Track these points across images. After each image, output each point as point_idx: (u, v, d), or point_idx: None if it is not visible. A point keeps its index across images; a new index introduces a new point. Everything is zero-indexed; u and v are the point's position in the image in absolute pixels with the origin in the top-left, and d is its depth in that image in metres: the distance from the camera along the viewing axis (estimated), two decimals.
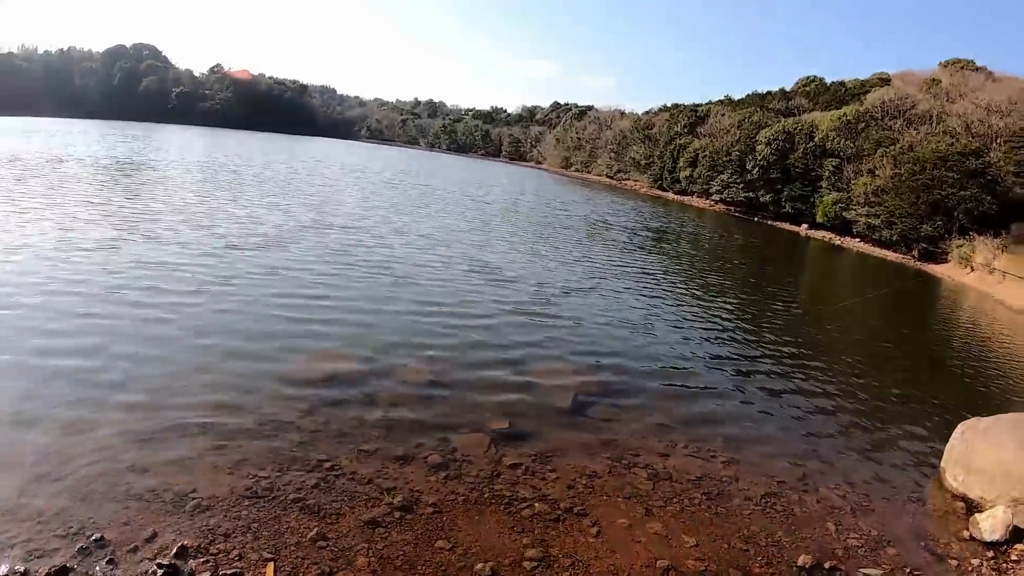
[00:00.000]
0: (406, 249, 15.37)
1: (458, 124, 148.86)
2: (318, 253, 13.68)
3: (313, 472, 5.71)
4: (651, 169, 78.23)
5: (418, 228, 18.75)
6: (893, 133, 49.53)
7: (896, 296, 27.41)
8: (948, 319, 23.39)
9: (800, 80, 77.14)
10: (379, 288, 11.90)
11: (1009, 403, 11.21)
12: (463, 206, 27.89)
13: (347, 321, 9.91)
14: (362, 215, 19.87)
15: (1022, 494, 6.72)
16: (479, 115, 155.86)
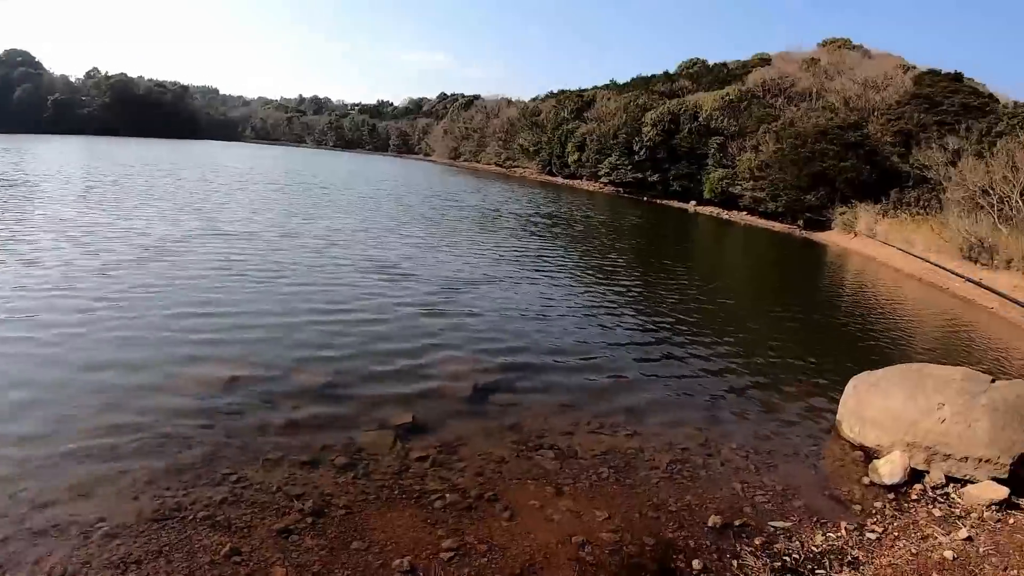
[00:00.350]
0: (299, 252, 14.87)
1: (344, 120, 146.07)
2: (208, 262, 13.03)
3: (220, 487, 5.44)
4: (540, 155, 78.77)
5: (309, 229, 18.17)
6: (775, 110, 51.44)
7: (785, 263, 28.56)
8: (835, 282, 24.39)
9: (683, 63, 79.03)
10: (273, 294, 11.43)
11: (896, 356, 11.66)
12: (353, 204, 27.30)
13: (242, 330, 9.45)
14: (251, 219, 19.11)
15: (915, 438, 6.93)
16: (365, 109, 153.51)
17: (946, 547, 5.38)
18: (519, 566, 4.76)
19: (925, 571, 5.02)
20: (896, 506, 6.29)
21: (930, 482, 6.73)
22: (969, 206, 25.66)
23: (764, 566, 4.98)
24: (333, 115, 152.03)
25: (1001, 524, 5.95)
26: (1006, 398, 6.95)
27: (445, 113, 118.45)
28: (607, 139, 61.82)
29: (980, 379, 7.36)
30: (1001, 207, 24.13)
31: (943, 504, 6.35)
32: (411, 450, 6.46)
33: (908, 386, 7.40)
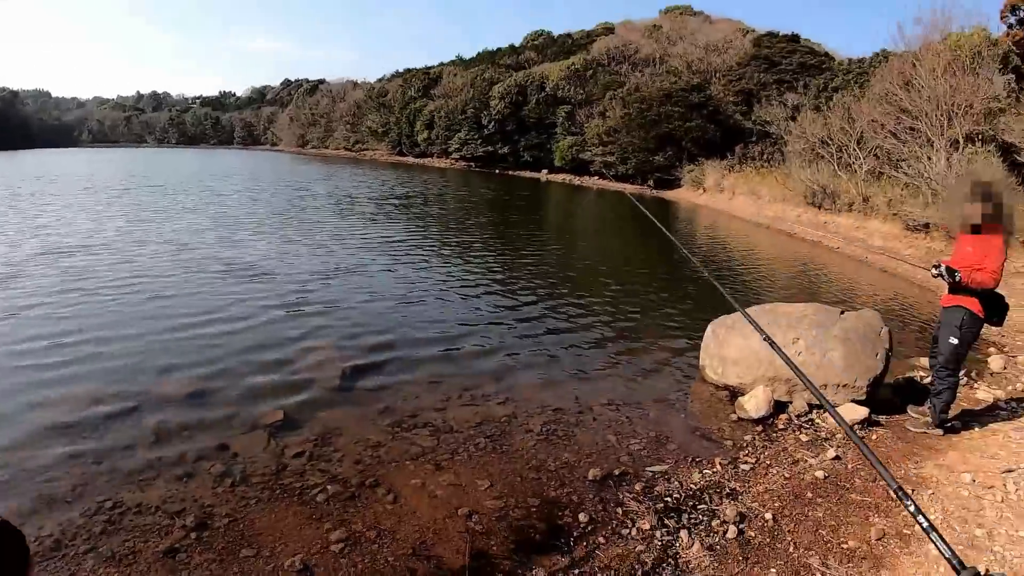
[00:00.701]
0: (150, 260, 13.91)
1: (186, 115, 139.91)
2: (52, 285, 11.83)
3: (97, 516, 5.02)
4: (389, 136, 78.15)
5: (159, 235, 17.03)
6: (620, 77, 52.93)
7: (639, 222, 29.33)
8: (688, 237, 25.18)
9: (529, 35, 79.87)
10: (129, 309, 10.59)
11: (751, 299, 12.15)
12: (201, 203, 25.92)
13: (98, 355, 8.68)
14: (96, 230, 17.65)
15: (775, 373, 7.14)
16: (208, 102, 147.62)
17: (816, 468, 5.61)
18: (410, 546, 4.64)
19: (800, 492, 5.22)
20: (765, 437, 6.52)
21: (794, 411, 7.00)
22: (810, 156, 27.07)
23: (648, 509, 5.04)
24: (174, 111, 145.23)
25: (865, 440, 6.26)
26: (856, 327, 7.30)
27: (290, 100, 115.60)
28: (456, 115, 62.02)
29: (831, 312, 7.70)
30: (840, 155, 25.55)
31: (809, 430, 6.62)
32: (286, 447, 6.18)
33: (764, 325, 7.65)
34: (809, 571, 4.19)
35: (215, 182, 38.03)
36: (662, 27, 64.87)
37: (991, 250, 5.70)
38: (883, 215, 21.29)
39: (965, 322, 5.95)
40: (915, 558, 4.31)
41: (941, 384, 6.20)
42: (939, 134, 19.73)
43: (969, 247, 5.87)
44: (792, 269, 17.78)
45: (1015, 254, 14.92)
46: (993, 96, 19.79)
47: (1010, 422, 6.62)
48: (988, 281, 5.71)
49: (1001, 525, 4.61)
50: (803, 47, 47.87)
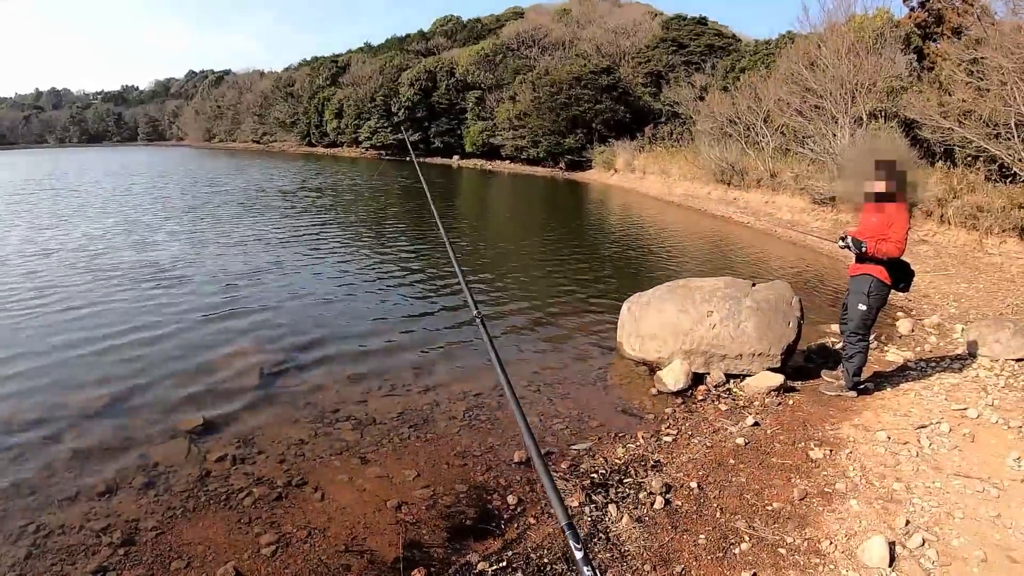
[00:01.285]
0: (57, 271, 13.11)
1: (87, 111, 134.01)
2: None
3: (20, 541, 4.75)
4: (298, 127, 76.90)
5: (64, 242, 16.08)
6: (530, 61, 53.21)
7: (551, 205, 29.54)
8: (600, 217, 25.48)
9: (438, 20, 79.46)
10: (34, 323, 9.99)
11: (665, 276, 12.28)
12: (107, 205, 24.73)
13: (5, 369, 8.25)
14: None
15: (691, 346, 7.27)
16: (109, 97, 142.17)
17: (737, 435, 5.72)
18: (342, 542, 4.56)
19: (722, 459, 5.31)
20: (685, 408, 6.63)
21: (711, 382, 7.13)
22: (718, 135, 27.63)
23: (575, 486, 5.07)
24: (75, 107, 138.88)
25: (782, 406, 6.41)
26: (767, 298, 7.48)
27: (195, 92, 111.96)
28: (365, 103, 61.48)
29: (742, 285, 7.86)
30: (748, 134, 26.17)
31: (727, 399, 6.75)
32: (208, 452, 5.99)
33: (677, 300, 7.79)
34: (737, 534, 4.28)
35: (120, 181, 36.57)
36: (571, 11, 65.32)
37: (895, 220, 5.89)
38: (791, 190, 21.91)
39: (872, 289, 6.16)
40: (837, 515, 4.44)
41: (852, 348, 6.41)
42: (843, 112, 20.38)
43: (874, 218, 6.06)
44: (704, 245, 18.16)
45: (918, 223, 15.58)
46: (895, 75, 20.57)
47: (920, 381, 6.89)
48: (893, 251, 5.92)
49: (918, 478, 4.80)
50: (711, 29, 48.86)
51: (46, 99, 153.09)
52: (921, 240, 14.98)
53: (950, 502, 4.45)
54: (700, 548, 4.17)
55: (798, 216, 20.21)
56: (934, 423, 5.65)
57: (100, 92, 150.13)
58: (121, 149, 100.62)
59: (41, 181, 38.19)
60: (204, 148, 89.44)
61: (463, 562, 4.30)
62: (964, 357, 7.65)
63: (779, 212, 21.35)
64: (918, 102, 18.19)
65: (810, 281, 12.88)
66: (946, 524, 4.23)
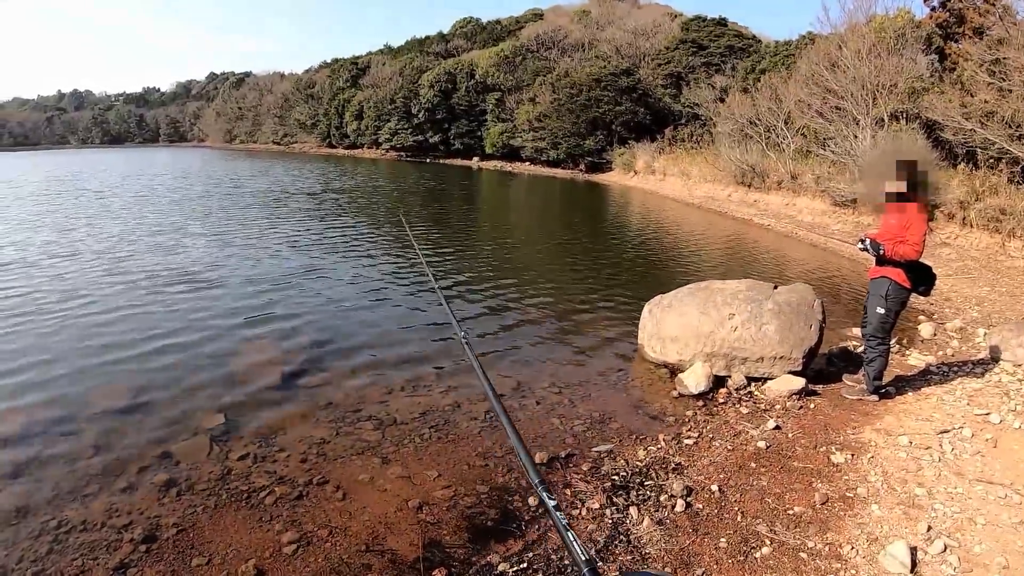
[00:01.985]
0: (81, 272, 13.06)
1: (109, 113, 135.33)
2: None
3: (42, 537, 4.82)
4: (318, 128, 77.26)
5: (90, 244, 16.05)
6: (550, 63, 53.25)
7: (571, 206, 29.49)
8: (621, 219, 25.43)
9: (457, 22, 79.77)
10: (60, 323, 9.92)
11: (686, 278, 12.27)
12: (131, 206, 24.80)
13: (32, 368, 8.11)
14: (25, 242, 16.64)
15: (713, 348, 7.27)
16: (131, 99, 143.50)
17: (758, 439, 5.71)
18: (363, 542, 4.59)
19: (743, 463, 5.31)
20: (706, 411, 6.62)
21: (733, 385, 7.12)
22: (739, 137, 27.53)
23: (596, 488, 5.08)
24: (97, 109, 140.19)
25: (803, 410, 6.39)
26: (789, 301, 7.45)
27: (216, 94, 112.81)
28: (385, 105, 61.71)
29: (764, 287, 7.84)
30: (768, 135, 26.07)
31: (748, 402, 6.74)
32: (230, 451, 6.03)
33: (699, 302, 7.78)
34: (758, 538, 4.27)
35: (144, 182, 36.71)
36: (590, 12, 65.26)
37: (913, 222, 5.86)
38: (812, 192, 21.79)
39: (890, 292, 6.13)
40: (859, 520, 4.43)
41: (873, 352, 6.39)
42: (864, 113, 20.27)
43: (893, 219, 6.02)
44: (725, 247, 18.07)
45: (941, 226, 15.46)
46: (917, 76, 20.39)
47: (942, 386, 6.84)
48: (910, 253, 5.88)
49: (940, 484, 4.77)
50: (731, 30, 48.61)
51: (68, 101, 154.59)
52: (943, 243, 14.86)
53: (972, 508, 4.43)
54: (721, 551, 4.17)
55: (819, 218, 20.09)
56: (956, 428, 5.61)
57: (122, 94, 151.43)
58: (143, 150, 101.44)
59: (64, 180, 38.57)
60: (225, 149, 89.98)
61: (484, 563, 4.31)
62: (986, 361, 7.58)
63: (800, 214, 21.24)
64: (940, 103, 18.04)
65: (832, 284, 12.81)
66: (968, 530, 4.20)
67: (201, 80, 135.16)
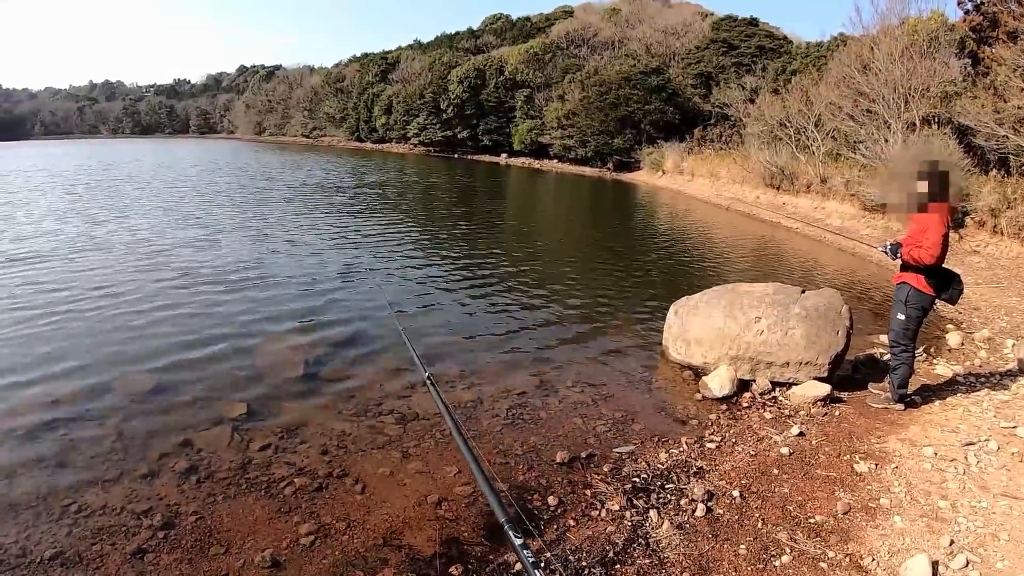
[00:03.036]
0: (115, 267, 12.68)
1: (140, 104, 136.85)
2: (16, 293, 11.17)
3: (62, 520, 4.87)
4: (347, 122, 77.62)
5: (121, 237, 15.54)
6: (579, 60, 53.23)
7: (598, 205, 29.44)
8: (648, 218, 25.32)
9: (487, 18, 79.82)
10: (85, 309, 9.95)
11: (712, 280, 12.15)
12: (165, 197, 24.68)
13: (58, 352, 8.20)
14: (55, 231, 16.70)
15: (738, 352, 7.23)
16: (162, 90, 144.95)
17: (781, 445, 5.67)
18: (381, 536, 4.60)
19: (765, 469, 5.27)
20: (730, 415, 6.58)
21: (757, 389, 7.07)
22: (768, 138, 27.28)
23: (616, 490, 5.06)
24: (128, 100, 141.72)
25: (828, 417, 6.34)
26: (816, 305, 7.38)
27: (246, 87, 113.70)
28: (414, 100, 61.88)
29: (791, 291, 7.77)
30: (798, 137, 25.81)
31: (772, 407, 6.69)
32: (251, 440, 6.07)
33: (725, 305, 7.72)
34: (778, 546, 4.24)
35: (177, 173, 36.77)
36: (620, 10, 65.02)
37: (930, 227, 5.77)
38: (841, 196, 21.58)
39: (910, 298, 6.06)
40: (881, 531, 4.37)
41: (896, 360, 6.31)
42: (896, 116, 20.02)
43: (914, 224, 5.96)
44: (752, 249, 17.97)
45: (971, 233, 15.24)
46: (949, 80, 20.10)
47: (968, 396, 6.75)
48: (925, 258, 5.78)
49: (963, 497, 4.70)
50: (762, 31, 48.29)
51: (100, 91, 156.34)
52: (972, 251, 14.66)
53: (996, 523, 4.36)
54: (740, 558, 4.14)
55: (848, 222, 19.90)
56: (982, 440, 5.52)
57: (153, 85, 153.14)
58: (173, 141, 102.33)
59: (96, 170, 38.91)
60: (254, 141, 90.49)
61: (500, 561, 4.31)
62: (1015, 373, 7.48)
63: (829, 218, 21.04)
64: (972, 108, 17.77)
65: (860, 290, 12.69)
66: (991, 545, 4.14)
67: (231, 73, 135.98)
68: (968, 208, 15.58)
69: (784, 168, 25.17)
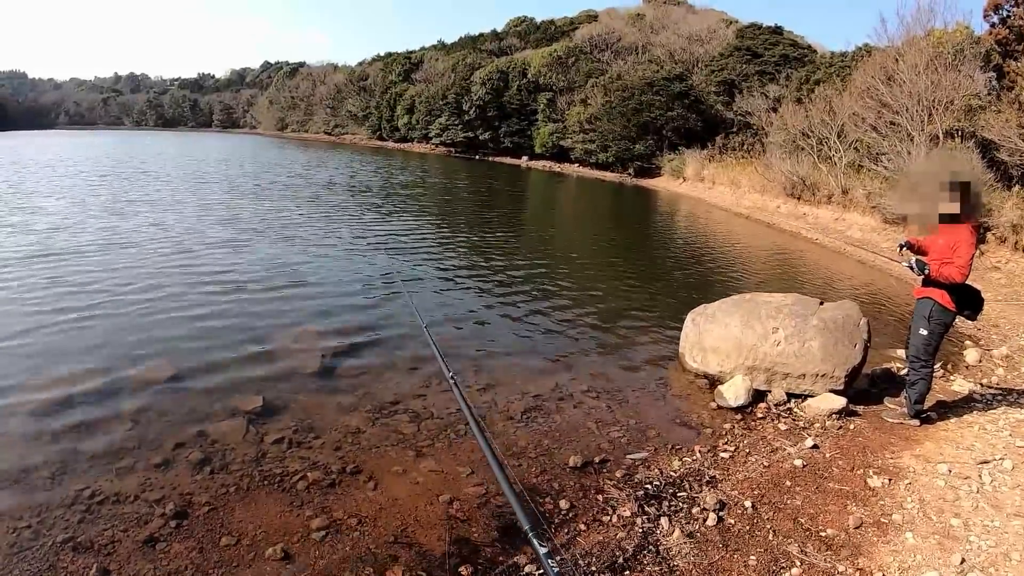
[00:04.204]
0: (135, 251, 12.98)
1: (164, 97, 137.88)
2: (30, 273, 11.24)
3: (75, 506, 4.93)
4: (369, 120, 77.82)
5: (149, 233, 15.32)
6: (602, 65, 53.12)
7: (618, 210, 29.39)
8: (667, 225, 25.29)
9: (511, 21, 79.78)
10: (105, 297, 10.00)
11: (730, 289, 12.14)
12: (189, 191, 24.37)
13: (77, 336, 8.26)
14: (79, 223, 16.67)
15: (754, 362, 7.21)
16: (186, 84, 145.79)
17: (795, 456, 5.65)
18: (392, 533, 4.63)
19: (778, 480, 5.26)
20: (744, 425, 6.56)
21: (773, 400, 7.05)
22: (790, 148, 27.15)
23: (628, 496, 5.07)
24: (152, 93, 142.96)
25: (842, 430, 6.31)
26: (834, 318, 7.35)
27: (270, 83, 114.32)
28: (436, 100, 61.95)
29: (809, 302, 7.75)
30: (820, 148, 25.64)
31: (787, 418, 6.67)
32: (266, 434, 6.12)
33: (743, 314, 7.71)
34: (788, 558, 4.23)
35: (202, 167, 36.66)
36: (645, 16, 64.85)
37: (961, 244, 5.73)
38: (862, 208, 21.45)
39: (934, 313, 6.02)
40: (892, 547, 4.36)
41: (915, 375, 6.27)
42: (919, 129, 19.89)
43: (941, 239, 5.91)
44: (771, 259, 17.90)
45: (991, 249, 15.12)
46: (974, 93, 19.93)
47: (985, 414, 6.71)
48: (955, 275, 5.74)
49: (976, 515, 4.68)
50: (786, 39, 48.01)
51: (124, 83, 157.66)
52: (993, 267, 14.54)
53: (1008, 543, 4.34)
54: (750, 569, 4.14)
55: (869, 235, 19.77)
56: (997, 459, 5.49)
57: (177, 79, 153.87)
58: (196, 134, 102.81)
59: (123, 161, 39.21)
60: (277, 137, 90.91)
61: (510, 563, 4.33)
62: None
63: (849, 230, 20.91)
64: (996, 122, 17.62)
65: (879, 303, 12.60)
66: (1002, 565, 4.12)
67: (255, 69, 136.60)
68: (989, 224, 15.45)
69: (805, 178, 25.05)
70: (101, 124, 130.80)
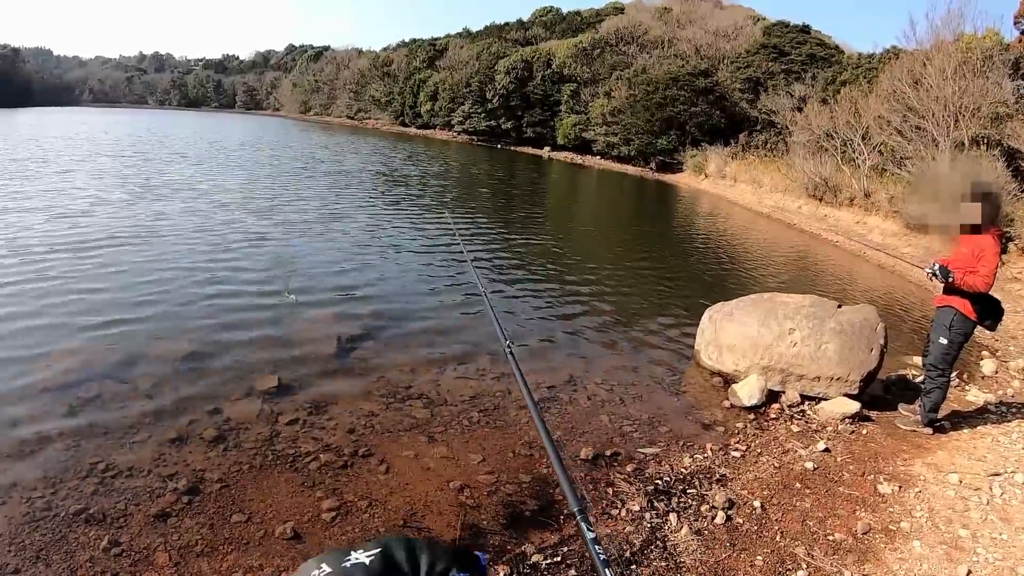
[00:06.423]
0: (161, 230, 13.04)
1: (188, 77, 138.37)
2: (49, 248, 11.34)
3: (88, 478, 5.00)
4: (392, 106, 77.68)
5: (177, 223, 15.27)
6: (627, 58, 52.76)
7: (639, 205, 29.33)
8: (687, 222, 25.21)
9: (537, 11, 79.38)
10: (126, 275, 9.87)
11: (749, 287, 12.13)
12: (221, 173, 24.12)
13: (96, 313, 8.28)
14: (104, 199, 16.67)
15: (770, 362, 7.21)
16: (210, 65, 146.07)
17: (806, 459, 5.66)
18: (401, 517, 4.68)
19: (788, 482, 5.27)
20: (757, 425, 6.57)
21: (786, 401, 7.05)
22: (814, 148, 26.95)
23: (638, 490, 5.09)
24: (176, 72, 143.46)
25: (855, 435, 6.31)
26: (852, 321, 7.32)
27: (294, 65, 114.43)
28: (460, 88, 61.79)
29: (828, 305, 7.72)
30: (844, 150, 25.42)
31: (800, 420, 6.67)
32: (280, 414, 6.18)
33: (760, 314, 7.70)
34: (795, 560, 4.24)
35: (228, 150, 36.24)
36: (672, 10, 64.41)
37: (985, 253, 5.68)
38: (884, 212, 21.28)
39: (955, 323, 5.97)
40: (899, 554, 4.36)
41: (931, 384, 6.24)
42: (945, 135, 19.69)
43: (965, 248, 5.85)
44: (790, 259, 17.82)
45: (1013, 260, 14.98)
46: (1001, 100, 19.70)
47: (999, 426, 6.68)
48: (980, 285, 5.70)
49: (985, 527, 4.67)
50: (813, 39, 47.57)
51: (149, 62, 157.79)
52: (1014, 278, 14.40)
53: (1015, 556, 4.33)
54: (756, 570, 4.16)
55: (890, 239, 19.60)
56: (1008, 472, 5.47)
57: (201, 59, 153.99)
58: (220, 115, 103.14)
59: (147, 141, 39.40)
60: (299, 120, 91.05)
61: (518, 552, 4.36)
62: None
63: (870, 233, 20.74)
64: (1023, 131, 17.40)
65: (897, 308, 12.53)
66: None
67: (280, 51, 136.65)
68: (1011, 234, 15.31)
69: (828, 180, 24.86)
70: (124, 103, 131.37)
